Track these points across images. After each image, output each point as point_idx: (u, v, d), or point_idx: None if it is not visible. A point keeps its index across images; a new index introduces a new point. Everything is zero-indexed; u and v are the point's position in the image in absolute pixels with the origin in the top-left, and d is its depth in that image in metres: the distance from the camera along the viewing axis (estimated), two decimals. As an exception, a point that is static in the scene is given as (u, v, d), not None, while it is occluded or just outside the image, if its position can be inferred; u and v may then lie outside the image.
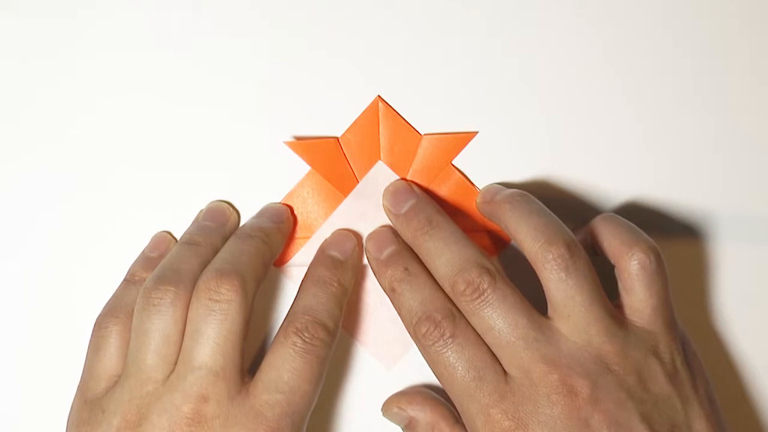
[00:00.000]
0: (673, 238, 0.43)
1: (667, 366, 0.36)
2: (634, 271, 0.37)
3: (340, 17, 0.41)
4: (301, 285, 0.39)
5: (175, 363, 0.36)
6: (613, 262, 0.38)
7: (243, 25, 0.41)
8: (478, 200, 0.41)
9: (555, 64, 0.42)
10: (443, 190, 0.42)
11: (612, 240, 0.38)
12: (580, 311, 0.36)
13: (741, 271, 0.43)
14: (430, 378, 0.39)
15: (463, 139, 0.42)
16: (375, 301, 0.41)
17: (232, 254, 0.38)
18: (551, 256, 0.36)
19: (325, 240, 0.41)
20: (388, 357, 0.42)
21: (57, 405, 0.39)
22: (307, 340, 0.36)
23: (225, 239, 0.39)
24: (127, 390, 0.36)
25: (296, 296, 0.39)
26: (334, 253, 0.40)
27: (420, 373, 0.41)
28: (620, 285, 0.38)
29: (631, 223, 0.38)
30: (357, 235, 0.41)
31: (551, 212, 0.38)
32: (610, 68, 0.42)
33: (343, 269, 0.39)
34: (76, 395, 0.37)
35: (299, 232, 0.41)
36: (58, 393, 0.39)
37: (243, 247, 0.38)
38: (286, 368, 0.36)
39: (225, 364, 0.36)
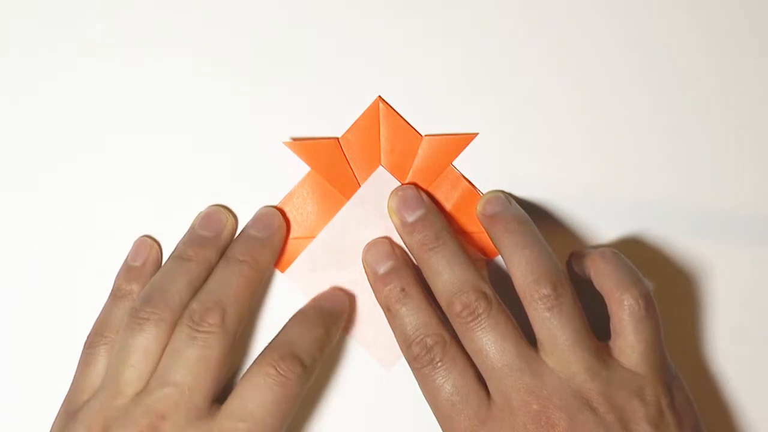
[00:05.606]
0: (674, 239, 0.43)
1: (650, 408, 0.36)
2: (623, 315, 0.37)
3: (341, 17, 0.41)
4: (289, 320, 0.39)
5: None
6: (606, 301, 0.38)
7: (243, 25, 0.41)
8: (478, 208, 0.41)
9: (555, 65, 0.42)
10: (443, 192, 0.41)
11: (606, 280, 0.38)
12: (563, 350, 0.36)
13: (743, 273, 0.43)
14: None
15: (463, 140, 0.41)
16: (374, 301, 0.41)
17: (219, 284, 0.38)
18: (537, 296, 0.37)
19: (322, 293, 0.41)
20: (387, 357, 0.42)
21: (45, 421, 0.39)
22: (281, 372, 0.36)
23: (220, 250, 0.40)
24: (99, 402, 0.36)
25: (281, 330, 0.39)
26: (327, 306, 0.40)
27: (419, 374, 0.42)
28: (611, 326, 0.38)
29: (627, 263, 0.38)
30: (349, 295, 0.41)
31: (545, 244, 0.38)
32: (609, 68, 0.42)
33: (334, 320, 0.40)
34: (60, 408, 0.38)
35: (299, 232, 0.41)
36: (46, 408, 0.39)
37: (230, 277, 0.38)
38: (253, 398, 0.36)
39: (194, 386, 0.36)
